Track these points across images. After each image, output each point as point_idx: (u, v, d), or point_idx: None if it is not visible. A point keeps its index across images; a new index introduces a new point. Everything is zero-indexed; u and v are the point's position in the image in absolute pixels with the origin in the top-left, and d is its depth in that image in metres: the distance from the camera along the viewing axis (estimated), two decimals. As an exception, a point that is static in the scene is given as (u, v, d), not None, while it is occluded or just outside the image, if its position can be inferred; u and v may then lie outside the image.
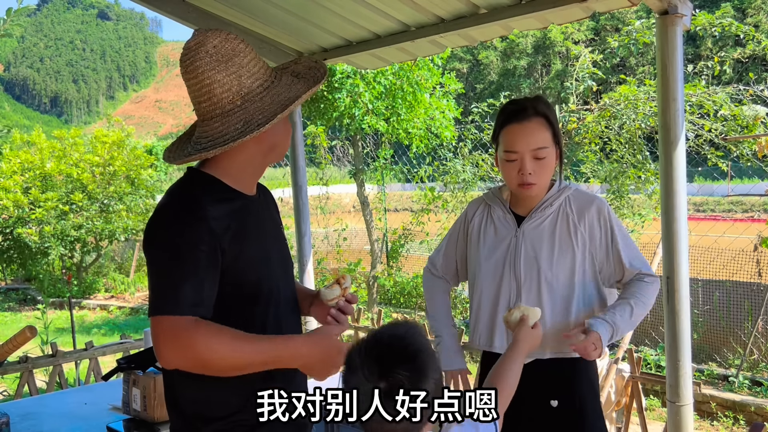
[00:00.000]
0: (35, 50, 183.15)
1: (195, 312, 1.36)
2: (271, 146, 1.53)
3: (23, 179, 10.10)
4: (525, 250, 1.94)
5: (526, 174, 1.88)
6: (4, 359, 2.23)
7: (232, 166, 1.50)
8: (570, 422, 1.93)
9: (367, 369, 1.14)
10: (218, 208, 1.43)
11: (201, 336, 1.34)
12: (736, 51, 28.04)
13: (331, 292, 1.64)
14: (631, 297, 1.90)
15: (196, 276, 1.37)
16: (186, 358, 1.35)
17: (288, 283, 1.66)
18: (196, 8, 3.28)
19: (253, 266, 1.50)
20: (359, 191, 8.20)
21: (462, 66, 46.04)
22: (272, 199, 1.74)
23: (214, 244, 1.39)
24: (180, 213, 1.41)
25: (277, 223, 1.69)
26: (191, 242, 1.38)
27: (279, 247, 1.64)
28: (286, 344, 1.46)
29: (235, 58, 1.42)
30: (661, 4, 2.53)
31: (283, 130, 1.55)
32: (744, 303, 5.49)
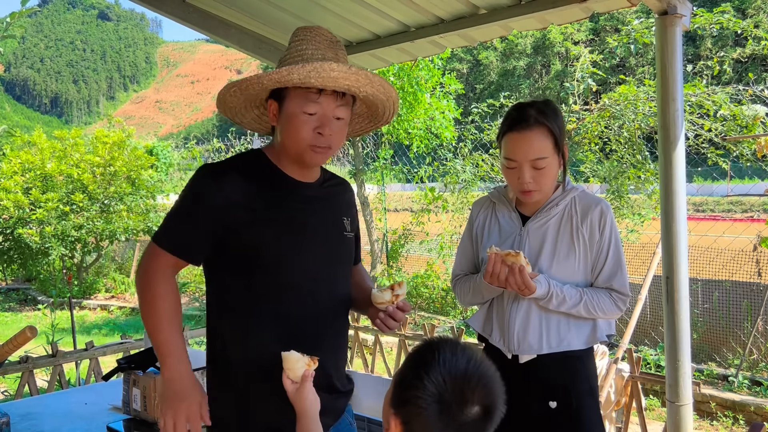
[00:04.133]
0: (36, 51, 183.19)
1: (176, 252, 1.54)
2: (282, 142, 1.59)
3: (24, 180, 10.10)
4: (528, 249, 1.95)
5: (524, 182, 1.89)
6: (5, 359, 2.23)
7: (277, 153, 1.63)
8: (569, 423, 1.93)
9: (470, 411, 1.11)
10: (245, 179, 1.55)
11: (161, 283, 1.54)
12: (735, 51, 28.03)
13: (381, 296, 1.64)
14: (587, 295, 1.90)
15: (191, 223, 1.55)
16: (139, 285, 1.57)
17: (333, 276, 1.66)
18: (196, 8, 3.29)
19: (276, 246, 1.55)
20: (359, 191, 8.20)
21: (462, 66, 46.04)
22: (340, 192, 1.77)
23: (222, 208, 1.52)
24: (212, 169, 1.57)
25: (333, 214, 1.71)
26: (200, 195, 1.54)
27: (326, 236, 1.65)
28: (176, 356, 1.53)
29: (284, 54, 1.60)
30: (661, 4, 2.54)
31: (284, 126, 1.57)
32: (743, 303, 5.49)
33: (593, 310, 1.90)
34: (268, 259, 1.55)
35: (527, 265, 1.82)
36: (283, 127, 1.57)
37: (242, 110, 1.67)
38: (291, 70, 1.45)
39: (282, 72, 1.45)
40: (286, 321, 1.57)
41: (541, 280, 1.85)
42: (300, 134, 1.53)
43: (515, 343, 1.93)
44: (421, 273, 8.02)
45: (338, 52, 1.59)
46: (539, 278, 1.85)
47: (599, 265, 1.94)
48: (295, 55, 1.56)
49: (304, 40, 1.57)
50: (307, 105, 1.52)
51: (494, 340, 1.99)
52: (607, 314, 1.92)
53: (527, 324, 1.92)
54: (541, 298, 1.87)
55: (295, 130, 1.54)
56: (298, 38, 1.59)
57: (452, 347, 1.16)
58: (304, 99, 1.52)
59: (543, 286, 1.85)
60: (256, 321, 1.57)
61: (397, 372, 1.21)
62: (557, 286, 1.88)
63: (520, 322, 1.93)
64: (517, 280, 1.82)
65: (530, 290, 1.83)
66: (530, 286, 1.82)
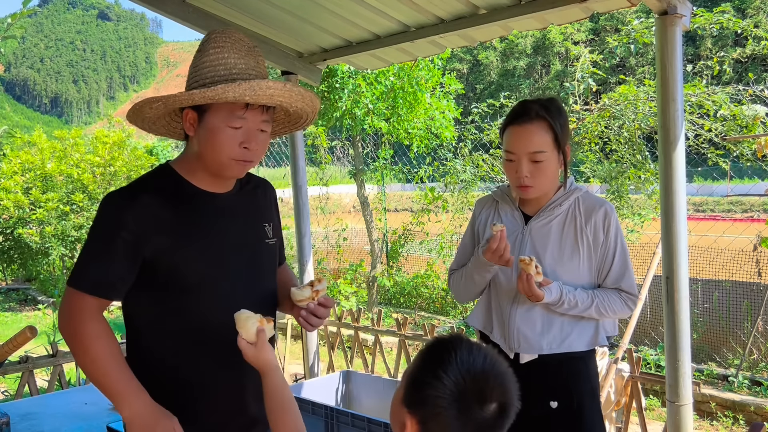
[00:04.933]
0: (36, 51, 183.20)
1: (96, 292, 1.46)
2: (199, 153, 1.53)
3: (24, 180, 10.10)
4: (530, 248, 1.95)
5: (522, 176, 1.89)
6: (5, 359, 2.23)
7: (187, 165, 1.57)
8: (570, 423, 1.93)
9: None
10: (156, 201, 1.49)
11: (89, 324, 1.46)
12: (735, 51, 28.04)
13: (301, 293, 1.60)
14: (597, 297, 1.91)
15: (108, 257, 1.46)
16: (66, 333, 1.48)
17: (255, 287, 1.62)
18: (196, 9, 3.29)
19: (192, 259, 1.51)
20: (359, 191, 8.20)
21: (462, 66, 46.05)
22: (260, 196, 1.71)
23: (138, 233, 1.45)
24: (120, 195, 1.51)
25: (253, 222, 1.66)
26: (113, 225, 1.47)
27: (245, 247, 1.61)
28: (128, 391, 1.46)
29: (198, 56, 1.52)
30: (661, 4, 2.54)
31: (204, 139, 1.50)
32: (743, 303, 5.49)
33: (604, 311, 1.91)
34: (186, 281, 1.51)
35: (538, 274, 1.82)
36: (204, 139, 1.49)
37: (154, 120, 1.60)
38: (226, 89, 1.39)
39: (217, 90, 1.39)
40: (211, 335, 1.53)
41: (553, 288, 1.86)
42: (223, 148, 1.48)
43: (516, 342, 1.93)
44: (421, 273, 8.02)
45: (258, 59, 1.53)
46: (551, 286, 1.86)
47: (606, 267, 1.95)
48: (218, 66, 1.48)
49: (223, 48, 1.49)
50: (232, 120, 1.46)
51: (495, 337, 1.99)
52: (618, 314, 1.94)
53: (529, 323, 1.92)
54: (552, 304, 1.88)
55: (218, 144, 1.48)
56: (216, 45, 1.50)
57: (468, 345, 1.15)
58: (230, 114, 1.46)
59: (553, 293, 1.85)
60: (179, 338, 1.53)
61: (410, 371, 1.19)
62: (570, 292, 1.88)
63: (522, 321, 1.93)
64: (524, 286, 1.83)
65: (537, 298, 1.83)
66: (537, 294, 1.82)
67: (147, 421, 1.45)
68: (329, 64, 4.24)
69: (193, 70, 1.52)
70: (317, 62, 3.79)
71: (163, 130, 1.65)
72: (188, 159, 1.57)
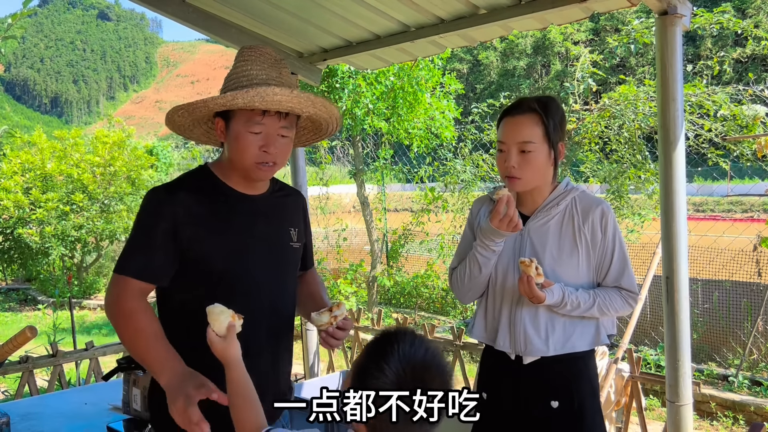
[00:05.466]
0: (36, 51, 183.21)
1: (140, 276, 1.58)
2: (229, 157, 1.66)
3: (24, 180, 10.11)
4: (529, 249, 1.95)
5: (509, 166, 1.91)
6: (5, 359, 2.23)
7: (222, 167, 1.70)
8: (570, 423, 1.93)
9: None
10: (193, 197, 1.62)
11: (131, 305, 1.56)
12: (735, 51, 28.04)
13: (320, 319, 1.70)
14: (599, 296, 1.92)
15: (150, 244, 1.59)
16: (110, 311, 1.59)
17: (276, 287, 1.72)
18: (197, 9, 3.29)
19: (218, 250, 1.62)
20: (359, 191, 8.20)
21: (462, 66, 46.05)
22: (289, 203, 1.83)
23: (175, 224, 1.58)
24: (161, 190, 1.65)
25: (280, 225, 1.77)
26: (154, 215, 1.60)
27: (270, 247, 1.72)
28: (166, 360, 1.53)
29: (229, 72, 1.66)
30: (661, 4, 2.54)
31: (231, 144, 1.63)
32: (743, 303, 5.49)
33: (606, 310, 1.91)
34: (213, 270, 1.61)
35: (538, 276, 1.82)
36: (231, 144, 1.63)
37: (190, 127, 1.75)
38: (235, 95, 1.52)
39: (227, 97, 1.53)
40: None
41: (555, 289, 1.86)
42: (246, 152, 1.61)
43: (522, 345, 1.93)
44: (421, 273, 8.02)
45: (282, 71, 1.66)
46: (553, 288, 1.85)
47: (605, 266, 1.95)
48: (241, 77, 1.62)
49: (248, 61, 1.64)
50: (251, 126, 1.59)
51: (499, 345, 1.98)
52: (620, 312, 1.95)
53: (534, 326, 1.92)
54: (555, 305, 1.88)
55: (241, 149, 1.61)
56: (243, 59, 1.65)
57: (410, 338, 1.22)
58: (249, 120, 1.59)
59: (555, 295, 1.85)
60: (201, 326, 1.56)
61: (356, 362, 1.25)
62: (572, 293, 1.88)
63: (528, 324, 1.93)
64: (525, 288, 1.83)
65: (538, 300, 1.84)
66: (538, 296, 1.83)
67: (179, 385, 1.50)
68: (329, 64, 4.24)
69: (224, 83, 1.66)
70: (317, 62, 3.79)
71: (203, 138, 1.80)
72: (223, 163, 1.70)
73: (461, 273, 2.04)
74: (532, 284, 1.81)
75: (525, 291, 1.84)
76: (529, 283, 1.81)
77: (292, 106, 1.62)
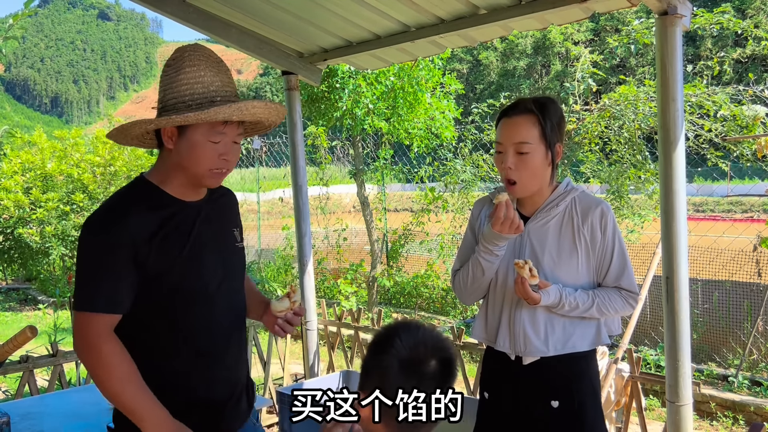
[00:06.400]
0: (36, 50, 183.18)
1: (108, 309, 1.53)
2: (177, 165, 1.62)
3: (24, 179, 10.10)
4: (529, 249, 1.95)
5: (506, 167, 1.91)
6: (5, 359, 2.23)
7: (163, 175, 1.66)
8: (571, 423, 1.93)
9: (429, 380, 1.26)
10: (145, 214, 1.57)
11: (105, 347, 1.52)
12: (735, 51, 28.04)
13: (281, 305, 1.74)
14: (598, 297, 1.92)
15: (113, 275, 1.53)
16: (84, 357, 1.55)
17: (230, 288, 1.74)
18: (197, 9, 3.29)
19: (178, 269, 1.60)
20: (359, 191, 8.20)
21: (462, 66, 46.05)
22: (227, 204, 1.83)
23: (134, 247, 1.53)
24: (107, 216, 1.57)
25: (224, 227, 1.77)
26: (111, 244, 1.53)
27: (220, 251, 1.72)
28: (153, 412, 1.53)
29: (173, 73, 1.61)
30: (661, 4, 2.53)
31: (185, 153, 1.59)
32: (743, 303, 5.49)
33: (606, 310, 1.92)
34: (169, 284, 1.59)
35: (532, 277, 1.82)
36: (185, 152, 1.59)
37: (136, 136, 1.70)
38: (218, 111, 1.53)
39: (210, 113, 1.53)
40: (189, 337, 1.64)
41: (551, 291, 1.86)
42: (204, 160, 1.59)
43: (522, 346, 1.93)
44: (421, 273, 8.02)
45: (228, 74, 1.66)
46: (550, 289, 1.86)
47: (605, 266, 1.95)
48: (195, 84, 1.58)
49: (198, 66, 1.60)
50: (213, 135, 1.58)
51: (499, 345, 1.99)
52: (620, 312, 1.95)
53: (533, 326, 1.92)
54: (552, 306, 1.88)
55: (198, 157, 1.59)
56: (192, 63, 1.60)
57: (407, 326, 1.32)
58: (210, 129, 1.58)
59: (551, 296, 1.86)
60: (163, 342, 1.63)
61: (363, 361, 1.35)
62: (570, 294, 1.88)
63: (527, 325, 1.93)
64: (519, 290, 1.84)
65: (533, 301, 1.84)
66: (532, 297, 1.83)
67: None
68: (329, 64, 4.24)
69: (169, 86, 1.61)
70: (317, 62, 3.79)
71: (136, 142, 1.76)
72: (163, 170, 1.66)
73: (464, 276, 2.04)
74: (526, 286, 1.82)
75: (520, 292, 1.85)
76: (523, 285, 1.82)
77: (262, 117, 1.67)
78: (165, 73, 1.63)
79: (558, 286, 1.88)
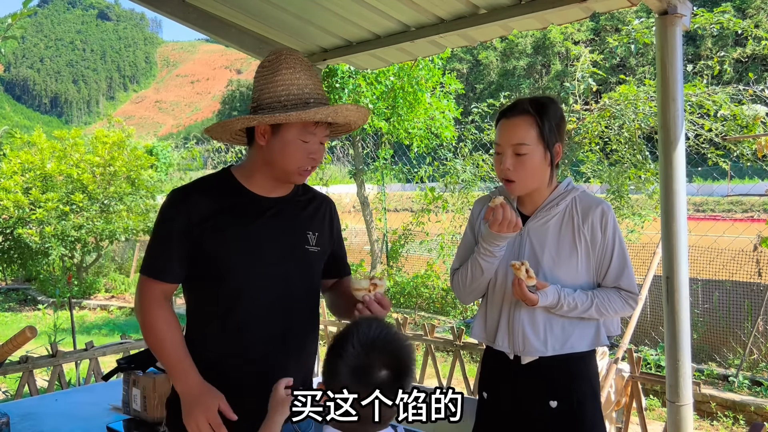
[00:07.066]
0: (35, 50, 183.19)
1: (160, 277, 1.69)
2: (267, 161, 1.71)
3: (24, 180, 10.10)
4: (528, 249, 1.95)
5: (504, 168, 1.91)
6: (5, 359, 2.23)
7: (246, 170, 1.77)
8: (569, 423, 1.92)
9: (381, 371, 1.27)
10: (206, 198, 1.70)
11: (153, 311, 1.68)
12: (735, 51, 28.04)
13: (359, 283, 1.70)
14: (597, 297, 1.91)
15: (167, 247, 1.69)
16: (137, 315, 1.72)
17: (283, 281, 1.73)
18: (196, 9, 3.28)
19: (227, 248, 1.68)
20: (359, 191, 8.20)
21: (462, 66, 46.05)
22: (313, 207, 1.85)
23: (189, 225, 1.66)
24: (174, 193, 1.75)
25: (295, 227, 1.79)
26: (168, 219, 1.70)
27: (282, 248, 1.74)
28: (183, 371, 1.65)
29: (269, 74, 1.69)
30: (661, 4, 2.53)
31: (277, 150, 1.68)
32: (744, 303, 5.49)
33: (605, 311, 1.91)
34: (222, 265, 1.68)
35: (529, 278, 1.82)
36: (276, 149, 1.68)
37: (232, 131, 1.79)
38: (317, 111, 1.63)
39: (310, 113, 1.63)
40: (237, 322, 1.70)
41: (549, 292, 1.86)
42: (295, 159, 1.68)
43: (520, 345, 1.93)
44: (421, 273, 8.02)
45: (318, 77, 1.74)
46: (548, 290, 1.85)
47: (605, 266, 1.95)
48: (291, 86, 1.67)
49: (295, 69, 1.68)
50: (305, 135, 1.67)
51: (498, 345, 1.99)
52: (620, 313, 1.94)
53: (532, 326, 1.92)
54: (551, 307, 1.88)
55: (290, 155, 1.68)
56: (289, 66, 1.68)
57: (368, 322, 1.34)
58: (303, 129, 1.67)
59: (549, 297, 1.85)
60: (212, 322, 1.71)
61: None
62: (568, 294, 1.87)
63: (526, 324, 1.93)
64: (516, 291, 1.84)
65: (531, 302, 1.84)
66: (530, 298, 1.83)
67: (193, 397, 1.62)
68: (329, 64, 4.24)
69: (266, 86, 1.69)
70: (317, 62, 3.79)
71: (230, 138, 1.85)
72: (249, 165, 1.76)
73: (463, 275, 2.04)
74: (523, 287, 1.82)
75: (517, 294, 1.85)
76: (520, 286, 1.82)
77: (352, 120, 1.78)
78: (260, 74, 1.72)
79: (556, 286, 1.88)
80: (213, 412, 1.59)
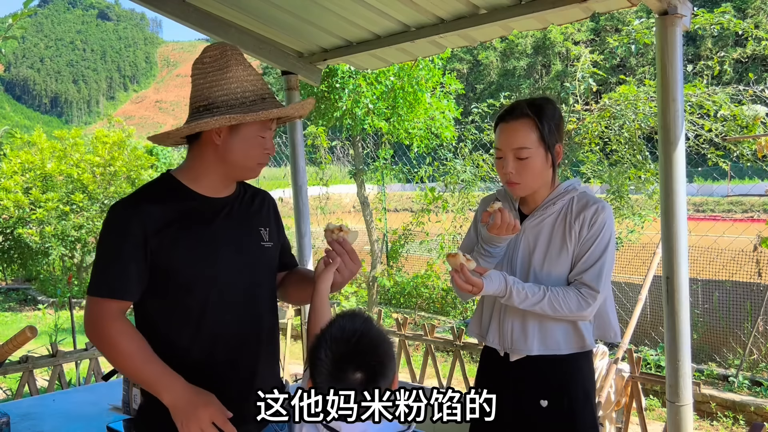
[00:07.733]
0: (36, 50, 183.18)
1: (116, 295, 1.58)
2: (223, 159, 1.67)
3: (24, 179, 10.11)
4: (523, 247, 1.96)
5: (507, 172, 1.92)
6: (5, 359, 2.23)
7: (191, 172, 1.70)
8: (560, 423, 1.93)
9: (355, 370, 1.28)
10: (158, 206, 1.62)
11: (112, 331, 1.57)
12: (735, 51, 28.04)
13: (333, 225, 1.76)
14: (551, 291, 1.86)
15: (121, 263, 1.58)
16: (93, 339, 1.61)
17: (245, 281, 1.72)
18: (196, 9, 3.28)
19: (186, 256, 1.62)
20: (359, 191, 8.20)
21: (462, 66, 46.06)
22: (258, 204, 1.83)
23: (144, 237, 1.58)
24: (120, 206, 1.64)
25: (249, 225, 1.77)
26: (120, 232, 1.59)
27: (240, 247, 1.72)
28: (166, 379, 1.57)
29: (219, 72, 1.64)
30: (661, 4, 2.53)
31: (237, 148, 1.65)
32: (744, 303, 5.49)
33: (558, 307, 1.85)
34: (182, 278, 1.62)
35: (468, 261, 1.80)
36: (236, 147, 1.65)
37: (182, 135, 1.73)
38: (282, 109, 1.64)
39: (285, 110, 1.65)
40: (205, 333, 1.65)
41: (494, 276, 1.82)
42: (254, 155, 1.68)
43: (509, 342, 1.96)
44: (421, 273, 8.02)
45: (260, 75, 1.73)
46: (491, 274, 1.82)
47: (579, 257, 1.91)
48: (244, 82, 1.65)
49: (245, 65, 1.67)
50: (264, 131, 1.67)
51: (489, 341, 2.01)
52: (574, 312, 1.86)
53: (520, 323, 1.94)
54: (500, 295, 1.84)
55: (250, 151, 1.66)
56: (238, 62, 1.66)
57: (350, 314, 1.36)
58: (263, 126, 1.66)
59: (495, 282, 1.82)
60: (176, 337, 1.65)
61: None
62: (517, 283, 1.85)
63: (515, 322, 1.94)
64: (458, 280, 1.80)
65: (477, 286, 1.80)
66: (475, 282, 1.79)
67: (188, 404, 1.55)
68: (329, 64, 4.24)
69: (216, 83, 1.64)
70: (317, 62, 3.79)
71: (171, 141, 1.80)
72: (195, 166, 1.70)
73: None
74: (465, 271, 1.79)
75: (460, 283, 1.80)
76: (463, 271, 1.79)
77: (303, 112, 1.81)
78: (204, 71, 1.66)
79: (503, 273, 1.86)
80: (217, 411, 1.56)
